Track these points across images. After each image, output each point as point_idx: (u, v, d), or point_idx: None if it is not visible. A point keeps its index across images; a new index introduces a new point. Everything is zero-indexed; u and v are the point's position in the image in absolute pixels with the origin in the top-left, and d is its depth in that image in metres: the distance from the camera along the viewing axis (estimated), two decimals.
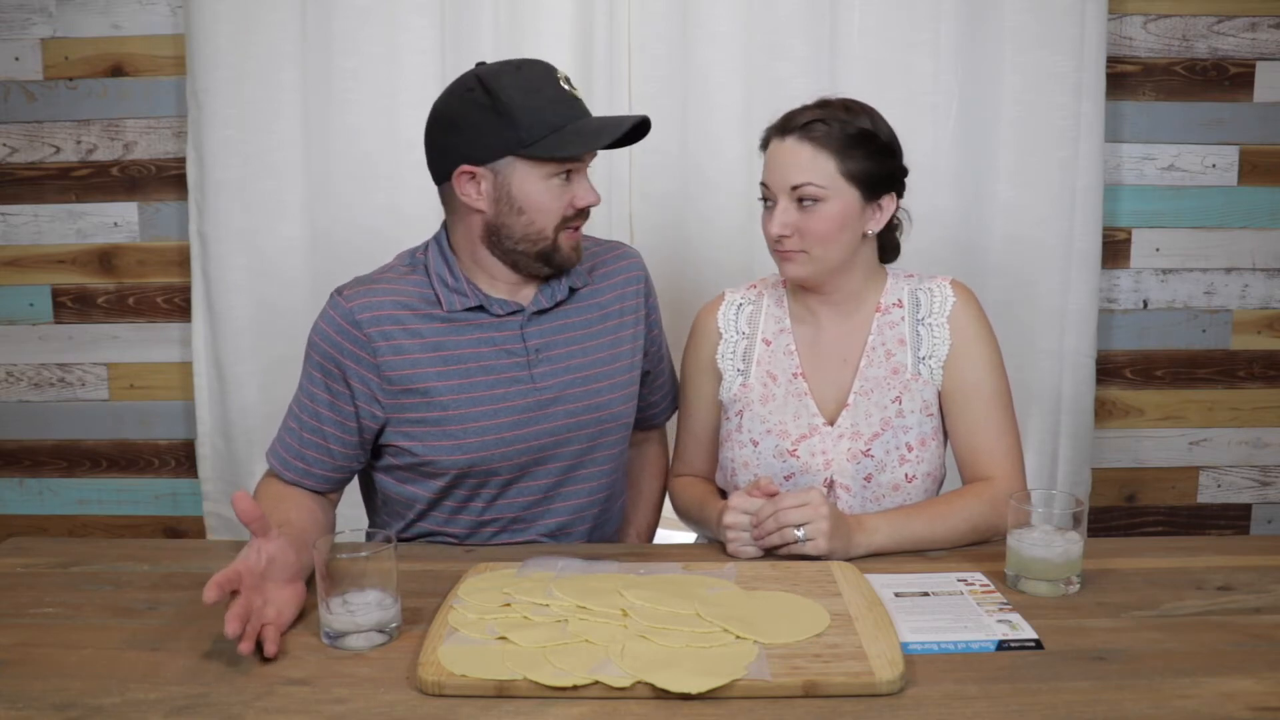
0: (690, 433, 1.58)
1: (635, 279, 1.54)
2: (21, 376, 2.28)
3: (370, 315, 1.35)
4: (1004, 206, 2.08)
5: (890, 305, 1.46)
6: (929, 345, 1.43)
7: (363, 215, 2.07)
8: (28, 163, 2.20)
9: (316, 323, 1.38)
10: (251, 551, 1.09)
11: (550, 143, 1.30)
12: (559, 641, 1.01)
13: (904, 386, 1.42)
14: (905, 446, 1.41)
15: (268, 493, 1.38)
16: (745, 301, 1.54)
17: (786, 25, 2.02)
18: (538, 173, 1.33)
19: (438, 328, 1.37)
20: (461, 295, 1.38)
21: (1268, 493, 2.30)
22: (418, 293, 1.38)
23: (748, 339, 1.51)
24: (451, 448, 1.37)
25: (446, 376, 1.36)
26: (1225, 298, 2.22)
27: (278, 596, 1.10)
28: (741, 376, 1.50)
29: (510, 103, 1.30)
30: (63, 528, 2.33)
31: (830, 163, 1.37)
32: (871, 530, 1.29)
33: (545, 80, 1.33)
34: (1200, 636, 1.06)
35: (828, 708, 0.92)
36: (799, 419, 1.44)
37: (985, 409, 1.41)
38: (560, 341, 1.43)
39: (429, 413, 1.36)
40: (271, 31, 2.04)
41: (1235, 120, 2.15)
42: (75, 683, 0.98)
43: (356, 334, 1.34)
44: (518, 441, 1.39)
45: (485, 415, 1.37)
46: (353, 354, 1.35)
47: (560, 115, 1.32)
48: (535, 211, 1.34)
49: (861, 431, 1.41)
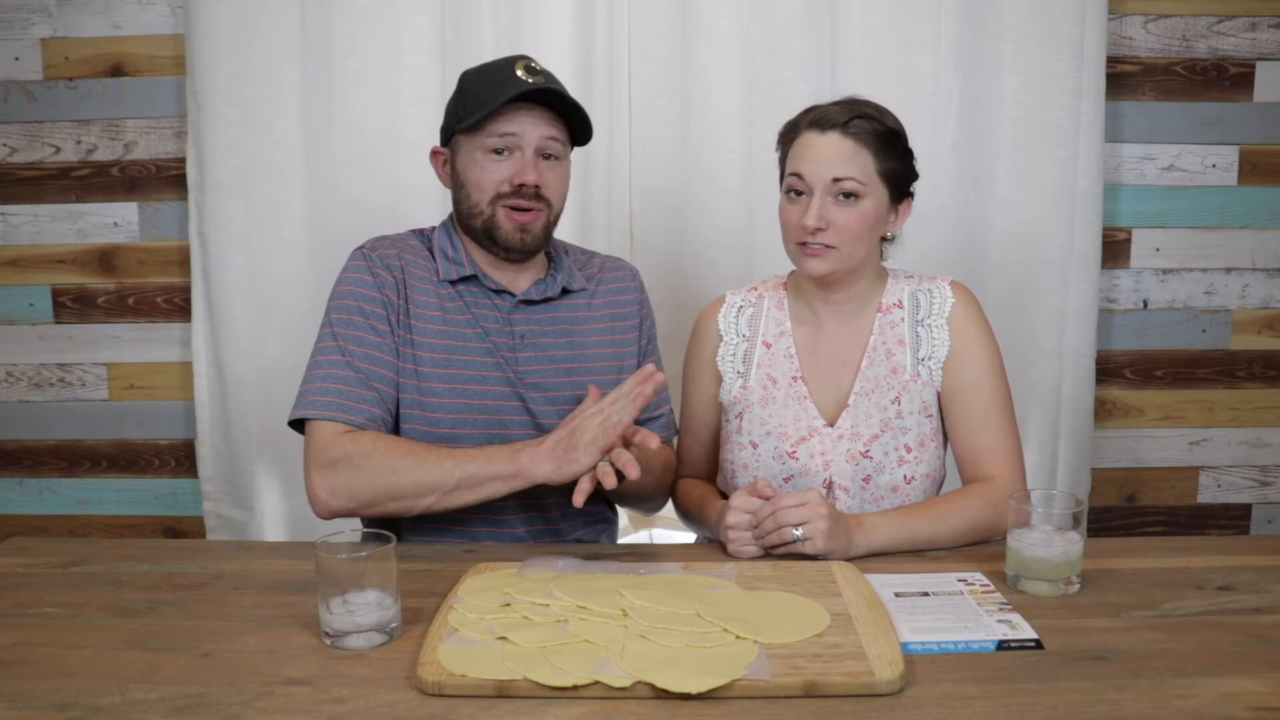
0: (691, 434, 1.58)
1: (631, 289, 1.58)
2: (21, 376, 2.28)
3: (397, 264, 1.44)
4: (1004, 206, 2.08)
5: (891, 306, 1.46)
6: (928, 346, 1.43)
7: (363, 215, 2.07)
8: (28, 163, 2.20)
9: (345, 276, 1.43)
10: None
11: (477, 114, 1.38)
12: (559, 641, 1.01)
13: (903, 387, 1.42)
14: (904, 448, 1.41)
15: (370, 439, 1.32)
16: (746, 304, 1.54)
17: (786, 25, 2.02)
18: (476, 148, 1.41)
19: (441, 293, 1.44)
20: (458, 265, 1.46)
21: (1268, 493, 2.30)
22: (421, 260, 1.47)
23: (748, 341, 1.51)
24: (432, 405, 1.40)
25: (440, 336, 1.42)
26: (1225, 298, 2.22)
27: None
28: (741, 379, 1.50)
29: (464, 89, 1.44)
30: (63, 528, 2.33)
31: (870, 160, 1.37)
32: (871, 530, 1.29)
33: (501, 67, 1.41)
34: (1200, 636, 1.05)
35: (828, 708, 0.92)
36: (799, 421, 1.44)
37: (985, 410, 1.41)
38: (548, 332, 1.47)
39: (417, 366, 1.40)
40: (271, 31, 2.04)
41: (1235, 120, 2.15)
42: (75, 683, 0.98)
43: (389, 277, 1.42)
44: (494, 413, 1.42)
45: (469, 380, 1.42)
46: (388, 297, 1.41)
47: (496, 92, 1.37)
48: (472, 186, 1.43)
49: (861, 433, 1.41)
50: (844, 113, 1.38)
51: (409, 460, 1.29)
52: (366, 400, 1.36)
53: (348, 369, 1.37)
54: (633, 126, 2.09)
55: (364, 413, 1.35)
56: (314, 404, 1.35)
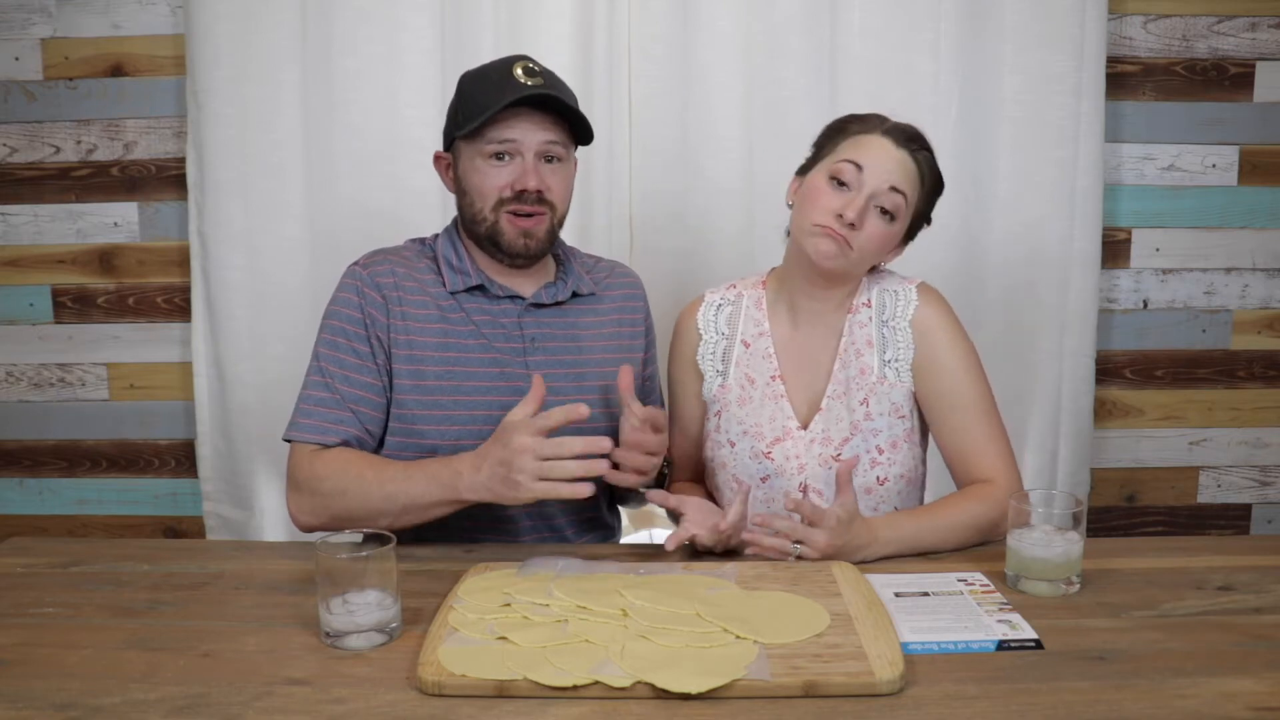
0: (682, 433, 1.58)
1: (638, 295, 1.59)
2: (21, 376, 2.28)
3: (390, 281, 1.41)
4: (1004, 207, 2.08)
5: (860, 305, 1.47)
6: (894, 348, 1.43)
7: (363, 215, 2.07)
8: (28, 163, 2.20)
9: (336, 295, 1.42)
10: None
11: (475, 121, 1.37)
12: (559, 641, 1.01)
13: (870, 389, 1.42)
14: (875, 449, 1.41)
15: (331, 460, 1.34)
16: (725, 302, 1.55)
17: (786, 25, 2.02)
18: (476, 154, 1.40)
19: (442, 305, 1.42)
20: (464, 275, 1.44)
21: (1268, 493, 2.30)
22: (420, 275, 1.44)
23: (727, 339, 1.52)
24: (439, 418, 1.39)
25: (442, 348, 1.41)
26: (1225, 298, 2.22)
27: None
28: (720, 377, 1.51)
29: (463, 92, 1.42)
30: (63, 528, 2.33)
31: (917, 192, 1.42)
32: (884, 544, 1.29)
33: (499, 70, 1.39)
34: (1200, 636, 1.05)
35: (828, 708, 0.92)
36: (774, 421, 1.45)
37: (968, 415, 1.40)
38: (559, 335, 1.46)
39: (421, 381, 1.39)
40: (271, 31, 2.04)
41: (1235, 120, 2.15)
42: (75, 683, 0.98)
43: (376, 296, 1.40)
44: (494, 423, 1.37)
45: (477, 391, 1.40)
46: (373, 316, 1.39)
47: (494, 97, 1.36)
48: (474, 193, 1.41)
49: (832, 436, 1.42)
50: (915, 139, 1.42)
51: (357, 485, 1.30)
52: (342, 421, 1.37)
53: (325, 390, 1.39)
54: (633, 126, 2.09)
55: (338, 433, 1.37)
56: (295, 425, 1.39)
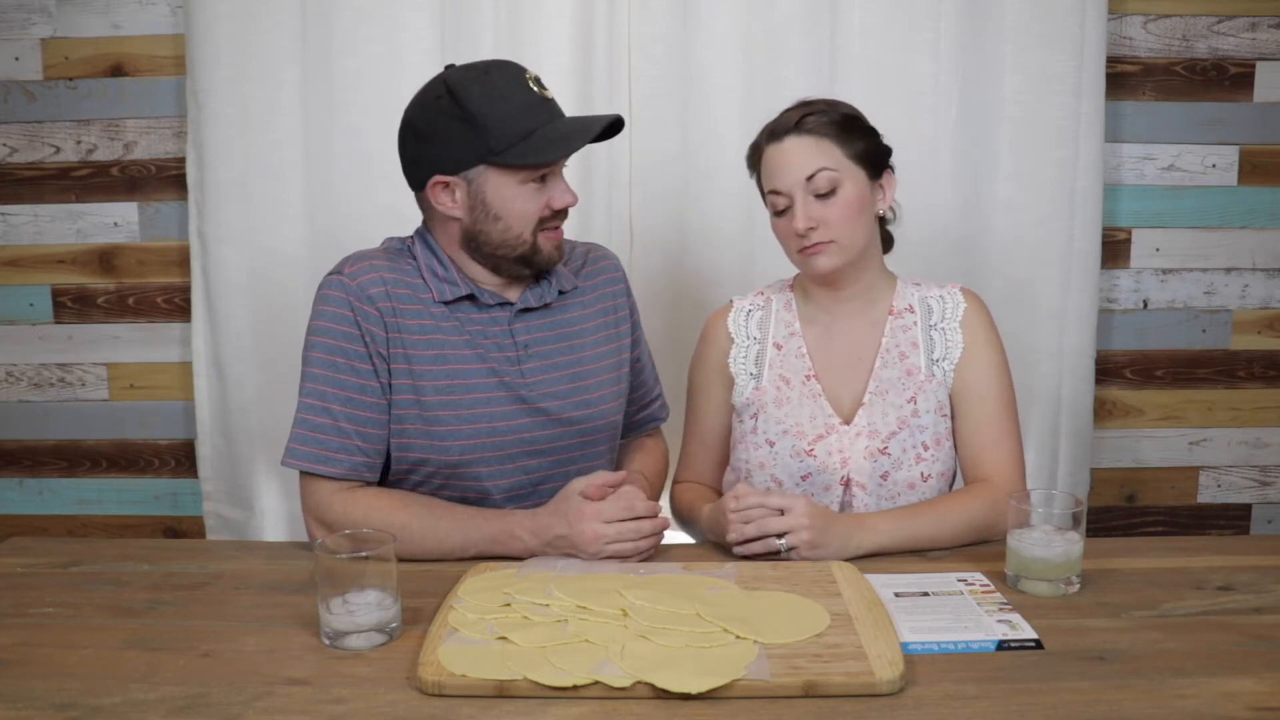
0: (698, 439, 1.58)
1: (617, 279, 1.56)
2: (21, 376, 2.28)
3: (380, 291, 1.35)
4: (1003, 206, 2.08)
5: (903, 310, 1.48)
6: (942, 348, 1.45)
7: (363, 215, 2.07)
8: (28, 163, 2.20)
9: (323, 309, 1.35)
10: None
11: (521, 150, 1.30)
12: (559, 641, 1.01)
13: (918, 388, 1.43)
14: (922, 445, 1.42)
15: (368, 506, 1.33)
16: (754, 307, 1.55)
17: (786, 25, 2.02)
18: (511, 179, 1.33)
19: (434, 313, 1.38)
20: (452, 285, 1.39)
21: (1268, 493, 2.30)
22: (408, 280, 1.38)
23: (759, 343, 1.52)
24: (441, 434, 1.37)
25: (439, 361, 1.37)
26: (1225, 298, 2.22)
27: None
28: (754, 380, 1.50)
29: (478, 111, 1.30)
30: (63, 528, 2.33)
31: (834, 148, 1.39)
32: (873, 529, 1.30)
33: (513, 84, 1.32)
34: (1200, 636, 1.05)
35: (827, 708, 0.92)
36: (815, 419, 1.44)
37: (990, 412, 1.42)
38: (550, 339, 1.44)
39: (419, 396, 1.36)
40: (271, 31, 2.04)
41: (1235, 120, 2.15)
42: (75, 683, 0.98)
43: (370, 310, 1.34)
44: (505, 433, 1.39)
45: (476, 404, 1.37)
46: (371, 333, 1.34)
47: (529, 121, 1.31)
48: (512, 218, 1.35)
49: (879, 430, 1.42)
50: (795, 114, 1.41)
51: (403, 534, 1.26)
52: (346, 450, 1.34)
53: (325, 415, 1.34)
54: (633, 126, 2.08)
55: (343, 463, 1.34)
56: (296, 453, 1.34)
